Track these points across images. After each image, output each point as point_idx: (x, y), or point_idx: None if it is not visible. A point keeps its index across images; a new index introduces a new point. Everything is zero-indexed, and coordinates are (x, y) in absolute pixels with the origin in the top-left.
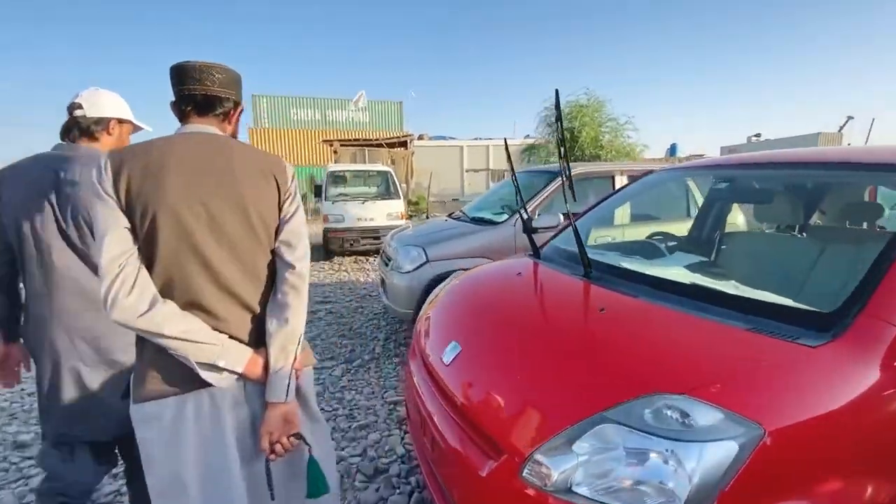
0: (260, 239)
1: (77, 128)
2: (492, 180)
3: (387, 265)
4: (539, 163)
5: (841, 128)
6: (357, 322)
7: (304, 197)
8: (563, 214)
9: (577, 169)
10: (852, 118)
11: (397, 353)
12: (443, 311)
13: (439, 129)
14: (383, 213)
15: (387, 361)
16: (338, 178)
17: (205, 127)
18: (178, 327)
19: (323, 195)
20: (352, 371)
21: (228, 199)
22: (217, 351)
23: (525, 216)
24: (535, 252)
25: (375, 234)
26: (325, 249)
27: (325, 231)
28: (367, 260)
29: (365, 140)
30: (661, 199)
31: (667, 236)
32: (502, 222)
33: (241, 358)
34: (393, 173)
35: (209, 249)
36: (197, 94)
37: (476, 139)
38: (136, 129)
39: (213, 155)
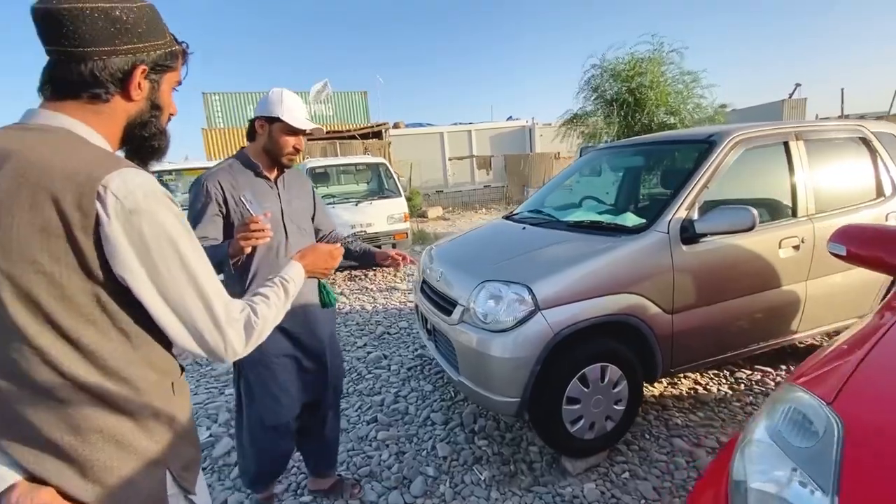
0: (32, 325)
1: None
2: (476, 167)
3: (446, 311)
4: (589, 139)
5: (791, 94)
6: (388, 388)
7: None
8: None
9: (740, 134)
10: (800, 85)
11: (479, 455)
12: None
13: (414, 116)
14: (382, 217)
15: (466, 474)
16: (319, 176)
17: (47, 116)
18: None
19: None
20: None
21: None
22: None
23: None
24: None
25: (375, 243)
26: None
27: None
28: (366, 276)
29: (335, 132)
30: None
31: None
32: (641, 228)
33: None
34: (388, 165)
35: None
36: (52, 61)
37: (456, 124)
38: (294, 130)
39: None
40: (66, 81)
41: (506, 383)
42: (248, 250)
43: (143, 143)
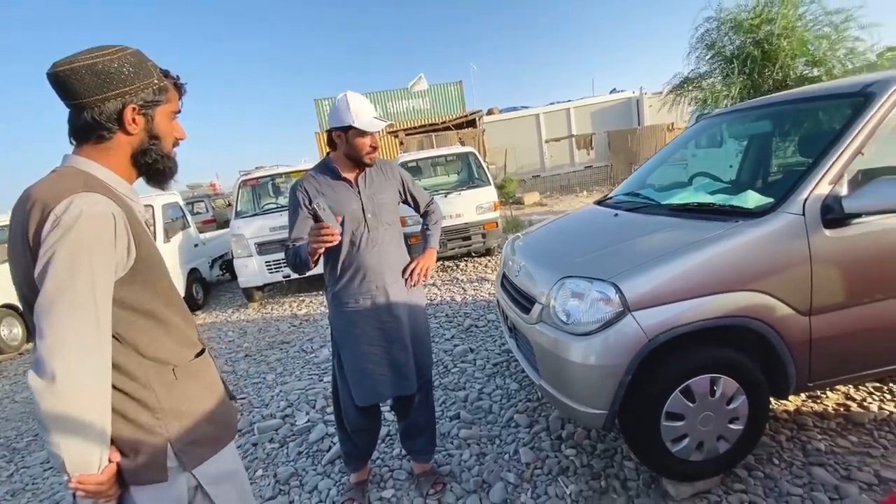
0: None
1: None
2: (576, 147)
3: (525, 309)
4: (703, 105)
5: None
6: (472, 384)
7: None
8: None
9: None
10: None
11: (565, 465)
12: None
13: (510, 100)
14: (472, 206)
15: (550, 486)
16: (412, 170)
17: (67, 159)
18: None
19: None
20: None
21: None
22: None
23: None
24: None
25: (465, 234)
26: None
27: (404, 237)
28: (458, 267)
29: (430, 125)
30: None
31: None
32: (765, 210)
33: None
34: (477, 154)
35: None
36: (69, 114)
37: (553, 104)
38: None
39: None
40: (78, 129)
41: (590, 393)
42: (322, 251)
43: (149, 168)
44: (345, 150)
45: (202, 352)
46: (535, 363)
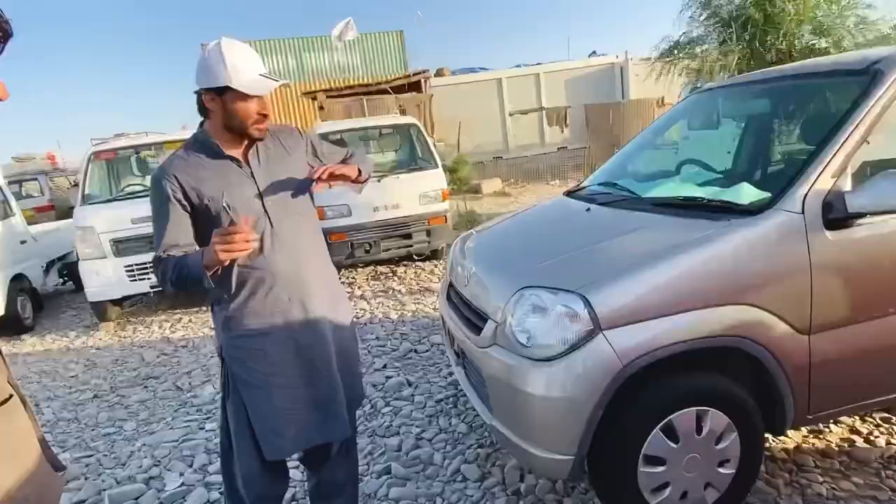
0: None
1: None
2: (547, 124)
3: (475, 328)
4: (697, 76)
5: None
6: (409, 428)
7: None
8: None
9: None
10: None
11: None
12: None
13: (465, 59)
14: (413, 195)
15: None
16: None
17: None
18: None
19: None
20: None
21: None
22: None
23: None
24: None
25: (404, 231)
26: None
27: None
28: (394, 274)
29: (361, 86)
30: None
31: None
32: (761, 207)
33: None
34: (422, 127)
35: None
36: None
37: (519, 66)
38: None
39: None
40: None
41: (553, 434)
42: (227, 262)
43: None
44: (223, 119)
45: (6, 400)
46: (486, 398)
